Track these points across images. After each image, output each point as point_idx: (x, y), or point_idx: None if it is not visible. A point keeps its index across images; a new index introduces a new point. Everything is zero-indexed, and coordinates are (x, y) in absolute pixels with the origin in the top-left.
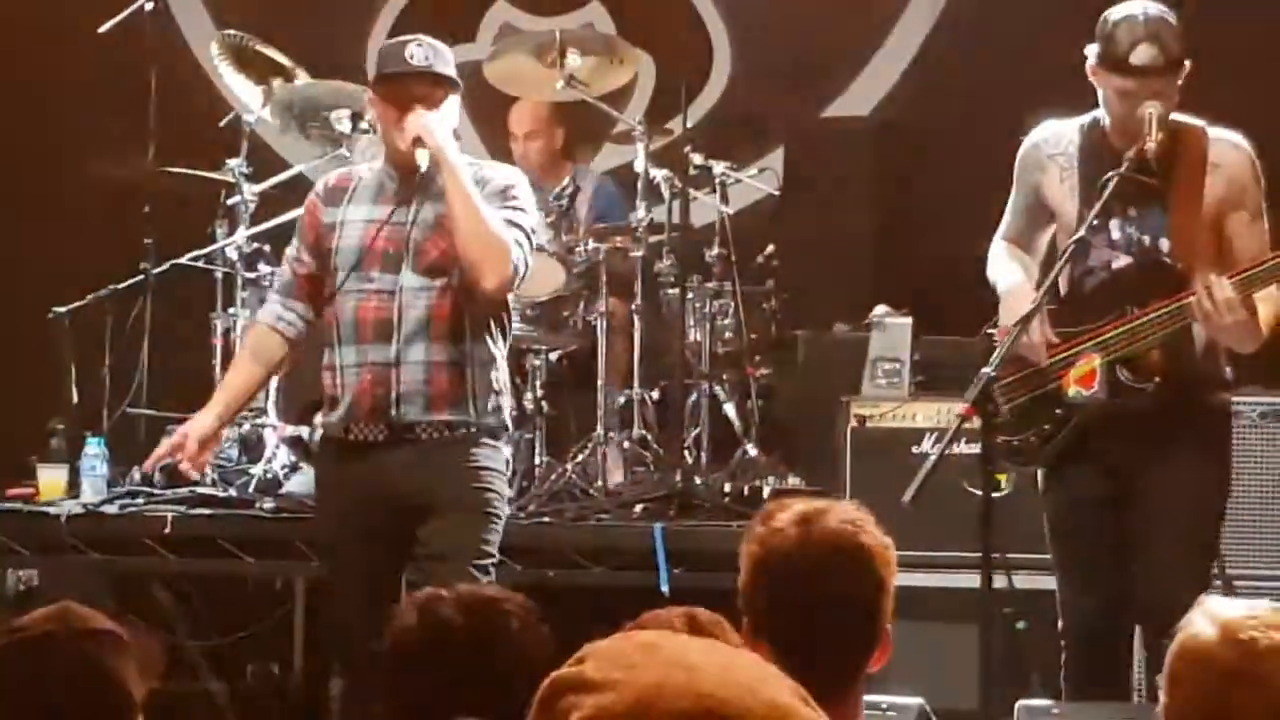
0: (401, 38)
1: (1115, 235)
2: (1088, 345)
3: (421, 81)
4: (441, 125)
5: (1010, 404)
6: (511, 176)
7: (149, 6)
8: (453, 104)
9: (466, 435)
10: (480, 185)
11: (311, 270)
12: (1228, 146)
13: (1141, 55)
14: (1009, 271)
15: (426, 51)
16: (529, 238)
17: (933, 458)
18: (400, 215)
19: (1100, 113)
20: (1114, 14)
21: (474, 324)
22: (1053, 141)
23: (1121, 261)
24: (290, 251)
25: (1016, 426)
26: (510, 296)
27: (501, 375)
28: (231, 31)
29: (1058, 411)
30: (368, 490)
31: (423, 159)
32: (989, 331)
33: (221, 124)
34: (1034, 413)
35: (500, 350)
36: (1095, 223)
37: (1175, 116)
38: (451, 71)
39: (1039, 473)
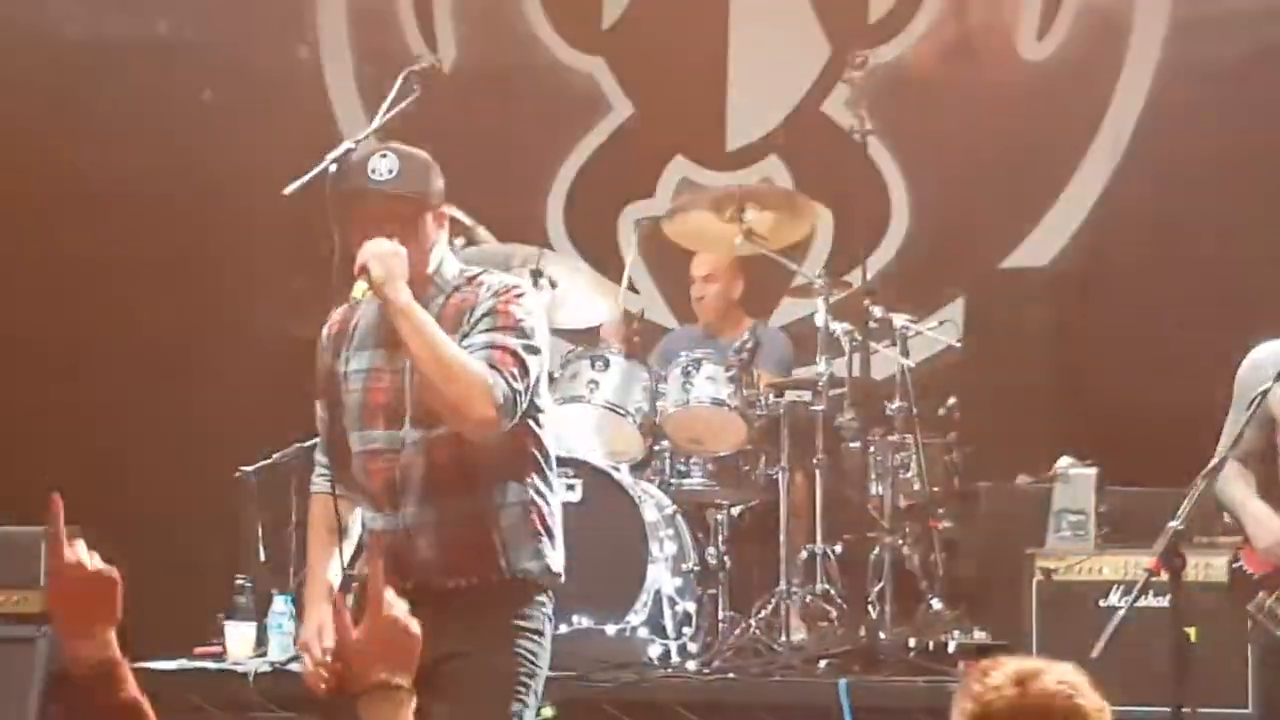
0: (371, 146)
1: None
2: None
3: (383, 202)
4: (395, 258)
5: None
6: (502, 290)
7: (333, 168)
8: (430, 219)
9: (498, 595)
10: (466, 314)
11: (335, 427)
12: None
13: None
14: (1243, 493)
15: (392, 164)
16: (520, 361)
17: (1121, 612)
18: (397, 362)
19: None
20: None
21: (492, 470)
22: (1271, 359)
23: None
24: (317, 409)
25: None
26: (541, 426)
27: (542, 517)
28: None
29: None
30: None
31: (358, 289)
32: (1237, 565)
33: None
34: None
35: (536, 488)
36: None
37: None
38: (424, 186)
39: None
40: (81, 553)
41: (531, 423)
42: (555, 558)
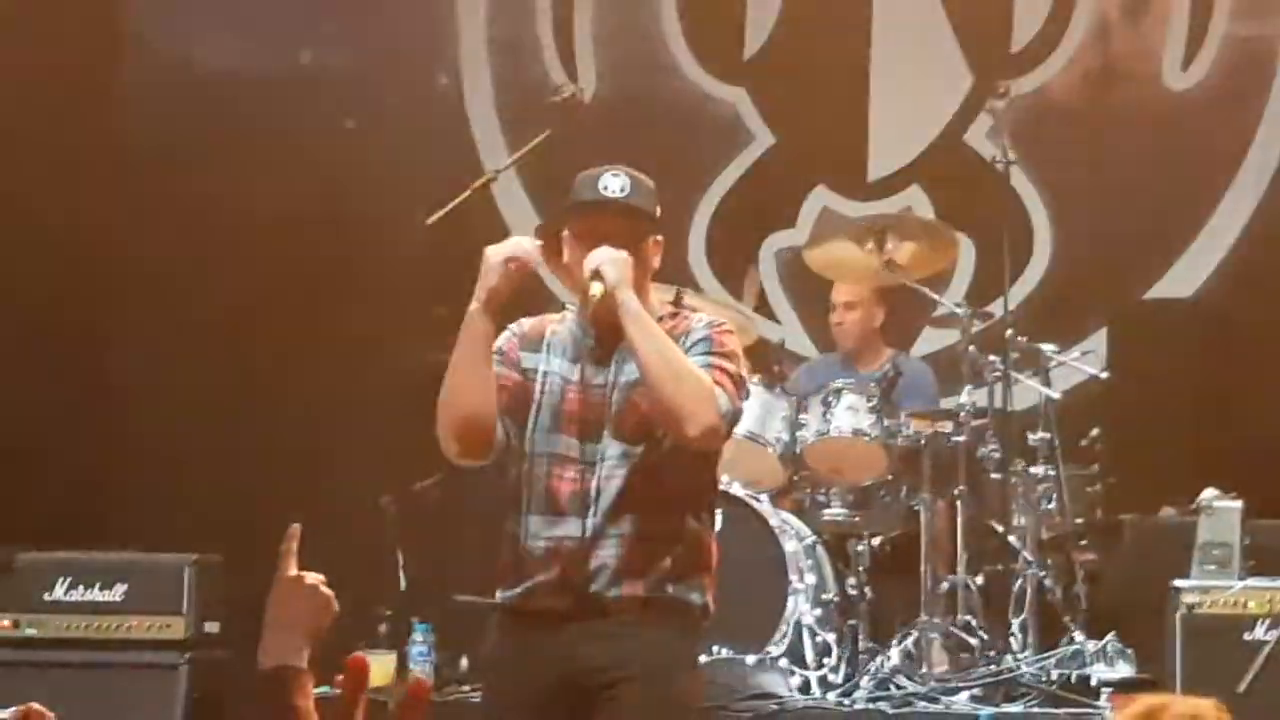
0: (601, 167)
1: None
2: None
3: (614, 214)
4: (626, 264)
5: None
6: (714, 323)
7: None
8: (651, 244)
9: (662, 616)
10: (679, 339)
11: (512, 392)
12: None
13: None
14: None
15: (624, 182)
16: (737, 383)
17: (1268, 646)
18: (599, 378)
19: None
20: None
21: (677, 496)
22: None
23: None
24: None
25: None
26: (722, 471)
27: (710, 550)
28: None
29: None
30: (545, 663)
31: (595, 289)
32: None
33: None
34: None
35: (706, 521)
36: None
37: None
38: (652, 207)
39: None
40: (311, 579)
41: (715, 456)
42: (711, 593)
